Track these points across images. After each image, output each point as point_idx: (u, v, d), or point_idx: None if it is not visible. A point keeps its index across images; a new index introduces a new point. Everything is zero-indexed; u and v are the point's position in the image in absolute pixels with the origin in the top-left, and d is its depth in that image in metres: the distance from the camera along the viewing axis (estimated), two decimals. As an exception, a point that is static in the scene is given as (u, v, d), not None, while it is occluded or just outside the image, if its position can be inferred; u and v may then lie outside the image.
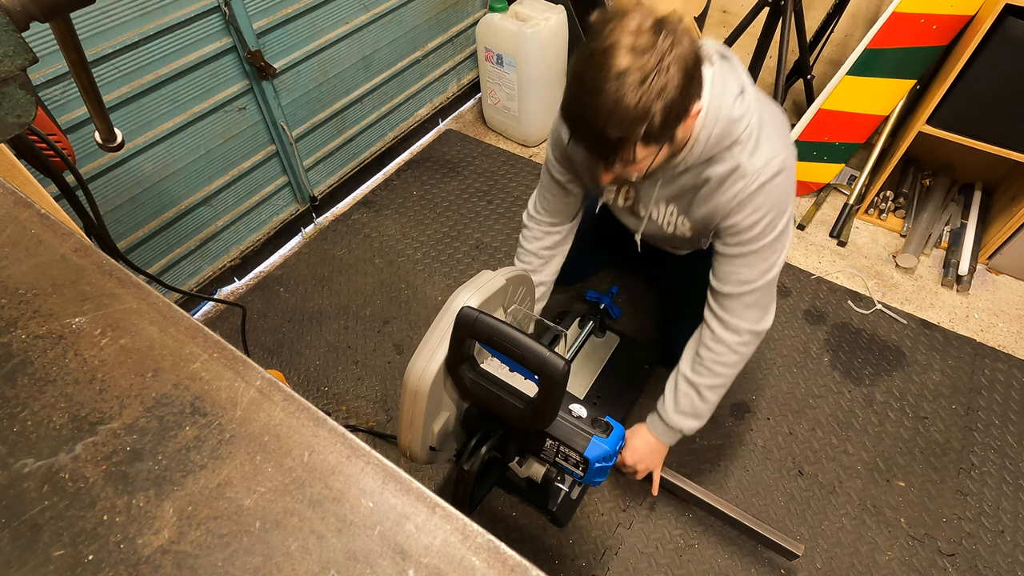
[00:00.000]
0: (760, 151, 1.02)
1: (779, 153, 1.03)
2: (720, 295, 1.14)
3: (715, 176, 1.05)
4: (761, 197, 1.04)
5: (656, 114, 0.83)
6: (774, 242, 1.08)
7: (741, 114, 0.99)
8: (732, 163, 1.03)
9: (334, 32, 1.80)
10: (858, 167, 2.15)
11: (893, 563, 1.31)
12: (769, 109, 1.07)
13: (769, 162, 1.02)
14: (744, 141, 1.01)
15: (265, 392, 0.38)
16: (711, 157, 1.03)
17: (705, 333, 1.17)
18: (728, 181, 1.04)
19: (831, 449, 1.49)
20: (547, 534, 1.36)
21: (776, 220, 1.06)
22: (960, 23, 1.71)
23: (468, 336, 0.87)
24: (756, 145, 1.02)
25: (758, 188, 1.03)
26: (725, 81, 0.99)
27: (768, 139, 1.03)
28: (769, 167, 1.02)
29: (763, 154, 1.02)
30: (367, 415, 1.58)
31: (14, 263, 0.44)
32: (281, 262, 1.97)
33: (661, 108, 0.83)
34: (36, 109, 0.50)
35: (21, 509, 0.32)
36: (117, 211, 1.48)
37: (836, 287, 1.86)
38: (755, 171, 1.02)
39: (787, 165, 1.04)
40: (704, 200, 1.10)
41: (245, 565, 0.31)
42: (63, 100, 1.26)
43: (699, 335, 1.19)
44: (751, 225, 1.06)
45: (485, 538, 0.33)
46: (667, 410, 1.20)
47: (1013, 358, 1.67)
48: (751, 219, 1.06)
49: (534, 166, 2.29)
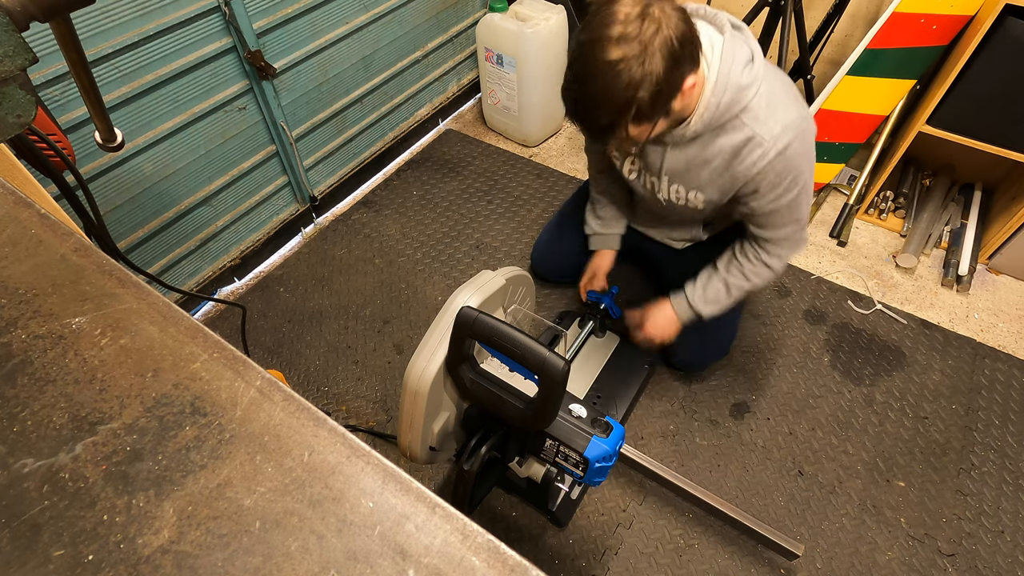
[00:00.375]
0: (774, 117, 1.04)
1: (793, 118, 1.05)
2: (762, 239, 1.24)
3: (729, 146, 1.07)
4: (781, 164, 1.06)
5: (643, 100, 0.88)
6: (800, 195, 1.13)
7: (750, 82, 1.01)
8: (746, 132, 1.05)
9: (334, 32, 1.80)
10: (858, 167, 2.15)
11: (893, 563, 1.31)
12: (780, 78, 1.09)
13: (785, 128, 1.04)
14: (754, 108, 1.03)
15: (265, 392, 0.38)
16: (721, 125, 1.05)
17: (748, 248, 1.28)
18: (745, 151, 1.06)
19: (831, 449, 1.49)
20: (547, 534, 1.36)
21: (799, 177, 1.09)
22: (960, 23, 1.71)
23: (468, 336, 0.87)
24: (769, 112, 1.04)
25: (777, 155, 1.05)
26: (735, 50, 1.01)
27: (781, 105, 1.05)
28: (785, 133, 1.04)
29: (778, 120, 1.04)
30: (367, 415, 1.58)
31: (14, 263, 0.44)
32: (281, 262, 1.97)
33: (648, 94, 0.88)
34: (36, 109, 0.50)
35: (21, 509, 0.32)
36: (117, 211, 1.48)
37: (836, 287, 1.86)
38: (772, 138, 1.04)
39: (803, 128, 1.06)
40: (720, 171, 1.12)
41: (245, 565, 0.31)
42: (63, 100, 1.26)
43: (742, 245, 1.30)
44: (774, 185, 1.10)
45: (485, 538, 0.33)
46: (695, 295, 1.35)
47: (1013, 358, 1.67)
48: (772, 181, 1.09)
49: (534, 166, 2.29)
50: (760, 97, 1.03)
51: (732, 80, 1.00)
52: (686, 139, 1.09)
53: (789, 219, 1.17)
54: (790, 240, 1.23)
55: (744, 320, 1.76)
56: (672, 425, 1.54)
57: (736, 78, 1.00)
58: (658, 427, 1.54)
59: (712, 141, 1.08)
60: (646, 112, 0.91)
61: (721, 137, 1.07)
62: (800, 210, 1.17)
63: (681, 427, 1.54)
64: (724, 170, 1.11)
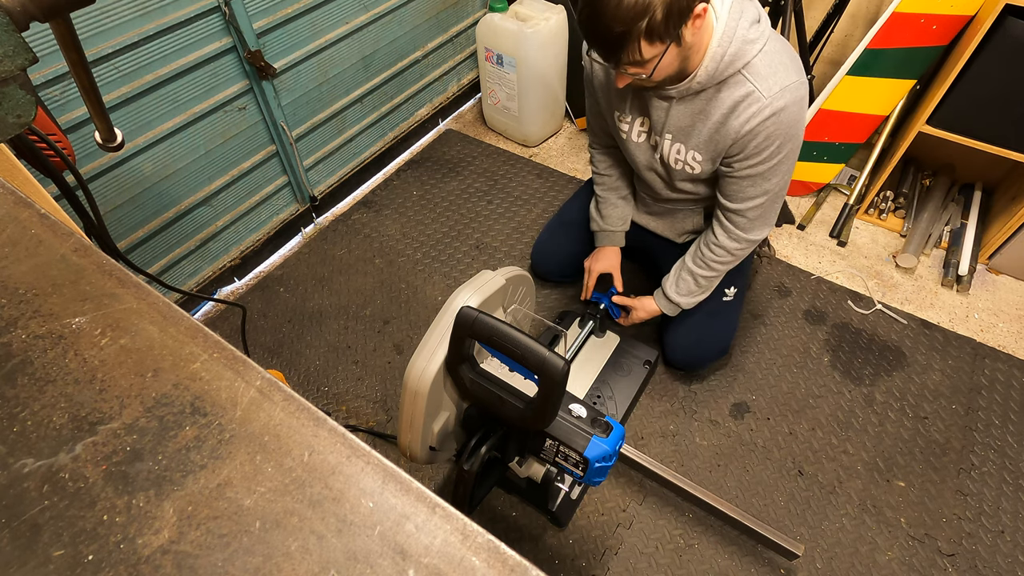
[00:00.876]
0: (775, 77, 1.06)
1: (793, 80, 1.06)
2: (727, 210, 1.26)
3: (730, 100, 1.09)
4: (772, 124, 1.08)
5: (656, 9, 0.91)
6: (779, 164, 1.14)
7: (755, 38, 1.04)
8: (746, 88, 1.06)
9: (334, 32, 1.80)
10: (858, 167, 2.15)
11: (893, 563, 1.31)
12: (784, 43, 1.10)
13: (784, 89, 1.06)
14: (757, 65, 1.05)
15: (265, 392, 0.38)
16: (725, 79, 1.07)
17: (710, 236, 1.33)
18: (742, 105, 1.08)
19: (831, 449, 1.49)
20: (547, 534, 1.36)
21: (783, 145, 1.11)
22: (960, 23, 1.71)
23: (468, 336, 0.87)
24: (771, 71, 1.05)
25: (772, 115, 1.07)
26: (744, 7, 1.04)
27: (784, 67, 1.07)
28: (783, 94, 1.06)
29: (778, 80, 1.06)
30: (367, 415, 1.58)
31: (14, 263, 0.44)
32: (281, 262, 1.97)
33: (662, 4, 0.91)
34: (36, 109, 0.50)
35: (21, 509, 0.32)
36: (117, 211, 1.48)
37: (836, 287, 1.86)
38: (769, 96, 1.06)
39: (800, 94, 1.08)
40: (717, 127, 1.14)
41: (245, 565, 0.31)
42: (63, 100, 1.26)
43: (706, 235, 1.34)
44: (759, 149, 1.11)
45: (485, 538, 0.33)
46: (669, 290, 1.44)
47: (1013, 358, 1.67)
48: (759, 144, 1.10)
49: (534, 166, 2.29)
50: (764, 55, 1.05)
51: (739, 33, 1.03)
52: (691, 91, 1.11)
53: (760, 190, 1.18)
54: (760, 219, 1.24)
55: (744, 320, 1.76)
56: (672, 425, 1.54)
57: (743, 32, 1.03)
58: (658, 427, 1.54)
59: (715, 95, 1.10)
60: (659, 28, 0.93)
61: (723, 91, 1.09)
62: (773, 182, 1.17)
63: (681, 427, 1.54)
64: (721, 125, 1.13)
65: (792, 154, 1.15)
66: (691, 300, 1.43)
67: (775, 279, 1.88)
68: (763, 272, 1.90)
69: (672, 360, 1.60)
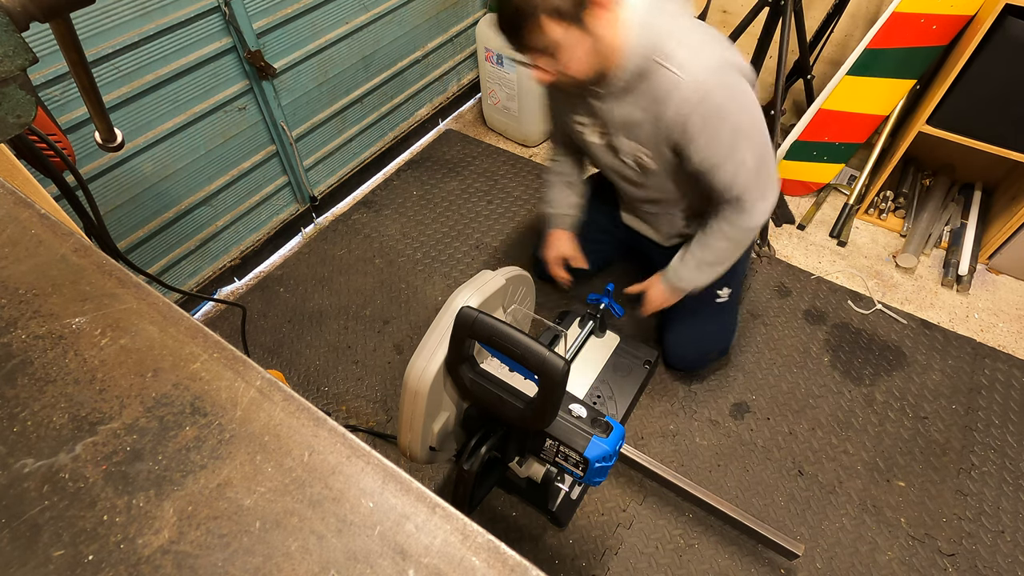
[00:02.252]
0: (696, 59, 1.04)
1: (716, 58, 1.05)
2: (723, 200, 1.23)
3: (656, 92, 1.08)
4: (704, 106, 1.05)
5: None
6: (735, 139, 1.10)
7: (671, 29, 1.04)
8: (668, 76, 1.05)
9: (334, 32, 1.80)
10: (858, 167, 2.15)
11: (893, 563, 1.31)
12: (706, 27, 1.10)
13: (707, 69, 1.04)
14: (675, 52, 1.04)
15: (265, 392, 0.38)
16: (647, 71, 1.06)
17: (713, 223, 1.29)
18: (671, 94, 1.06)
19: (831, 449, 1.49)
20: (547, 534, 1.36)
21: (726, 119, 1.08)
22: (960, 23, 1.71)
23: (468, 336, 0.87)
24: (691, 54, 1.04)
25: (701, 98, 1.05)
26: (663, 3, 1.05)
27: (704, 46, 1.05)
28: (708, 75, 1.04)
29: (700, 61, 1.04)
30: (367, 415, 1.58)
31: (14, 263, 0.44)
32: (281, 262, 1.97)
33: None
34: (36, 109, 0.50)
35: (21, 509, 0.32)
36: (117, 211, 1.48)
37: (836, 287, 1.86)
38: (692, 79, 1.04)
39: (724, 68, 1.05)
40: (654, 121, 1.12)
41: (245, 565, 0.31)
42: (63, 100, 1.26)
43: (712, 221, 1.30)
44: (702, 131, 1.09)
45: (485, 538, 0.33)
46: (671, 274, 1.39)
47: (1013, 358, 1.67)
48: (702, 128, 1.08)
49: (534, 166, 2.29)
50: (681, 42, 1.04)
51: (652, 25, 1.02)
52: (619, 88, 1.10)
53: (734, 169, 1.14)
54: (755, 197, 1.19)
55: (744, 320, 1.76)
56: (672, 425, 1.54)
57: (656, 22, 1.03)
58: (658, 427, 1.54)
59: (642, 89, 1.09)
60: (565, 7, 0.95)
61: (648, 83, 1.08)
62: (742, 154, 1.12)
63: (681, 427, 1.54)
64: (657, 118, 1.11)
65: (745, 125, 1.10)
66: (695, 285, 1.36)
67: (775, 279, 1.88)
68: (763, 272, 1.90)
69: (671, 362, 1.60)
